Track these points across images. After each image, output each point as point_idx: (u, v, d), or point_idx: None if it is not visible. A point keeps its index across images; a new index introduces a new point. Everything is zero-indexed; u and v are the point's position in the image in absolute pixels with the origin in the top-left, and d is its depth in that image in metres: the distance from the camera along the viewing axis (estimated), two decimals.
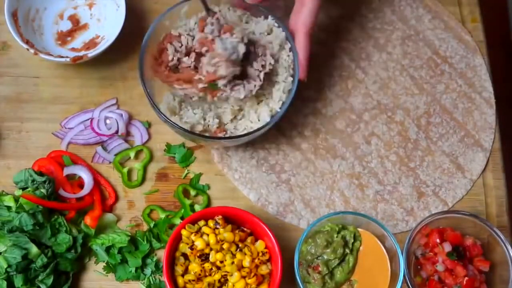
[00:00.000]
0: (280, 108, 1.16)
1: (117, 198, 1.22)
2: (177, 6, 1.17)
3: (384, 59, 1.35)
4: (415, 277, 1.15)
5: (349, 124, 1.29)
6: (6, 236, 1.10)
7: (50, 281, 1.11)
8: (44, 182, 1.16)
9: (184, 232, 1.11)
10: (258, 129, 1.14)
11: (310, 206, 1.24)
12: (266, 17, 1.20)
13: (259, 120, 1.17)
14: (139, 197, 1.22)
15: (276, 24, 1.19)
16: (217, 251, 1.10)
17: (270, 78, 1.17)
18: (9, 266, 1.08)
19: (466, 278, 1.12)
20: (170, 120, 1.13)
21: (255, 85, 1.14)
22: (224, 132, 1.18)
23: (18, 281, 1.09)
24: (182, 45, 1.14)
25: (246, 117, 1.19)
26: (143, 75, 1.14)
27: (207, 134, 1.17)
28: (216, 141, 1.17)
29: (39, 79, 1.28)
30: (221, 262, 1.09)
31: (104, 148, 1.24)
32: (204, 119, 1.18)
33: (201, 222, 1.13)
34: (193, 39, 1.14)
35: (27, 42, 1.23)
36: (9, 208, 1.13)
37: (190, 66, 1.13)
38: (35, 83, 1.28)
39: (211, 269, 1.10)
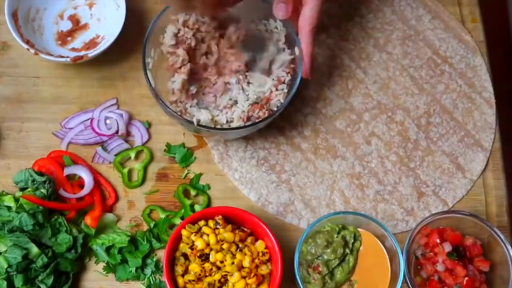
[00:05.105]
0: (282, 102, 1.18)
1: (117, 198, 1.22)
2: None
3: (384, 59, 1.35)
4: (415, 277, 1.15)
5: (349, 124, 1.29)
6: (7, 236, 1.10)
7: (50, 281, 1.11)
8: (44, 182, 1.16)
9: (184, 232, 1.11)
10: (261, 121, 1.14)
11: (310, 206, 1.24)
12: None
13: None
14: (139, 197, 1.22)
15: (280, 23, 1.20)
16: (217, 251, 1.10)
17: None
18: (9, 266, 1.08)
19: (466, 278, 1.12)
20: (176, 112, 1.13)
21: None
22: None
23: (18, 281, 1.09)
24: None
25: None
26: (146, 70, 1.15)
27: (212, 126, 1.18)
28: (220, 132, 1.17)
29: (39, 79, 1.28)
30: (221, 262, 1.09)
31: (104, 148, 1.24)
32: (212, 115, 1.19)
33: (201, 222, 1.13)
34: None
35: (27, 42, 1.23)
36: (9, 208, 1.13)
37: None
38: (35, 83, 1.28)
39: (211, 269, 1.10)
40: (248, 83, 1.21)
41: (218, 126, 1.18)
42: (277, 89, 1.19)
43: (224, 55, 1.21)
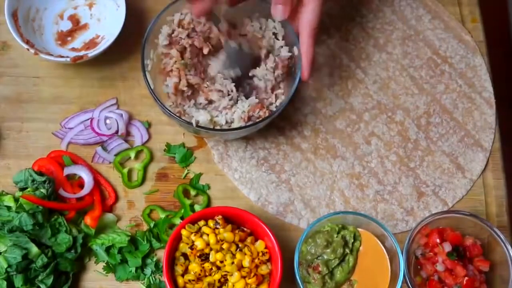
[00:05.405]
0: (281, 102, 1.18)
1: (117, 198, 1.22)
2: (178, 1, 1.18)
3: (384, 59, 1.35)
4: (415, 277, 1.15)
5: (349, 124, 1.29)
6: (6, 236, 1.10)
7: (50, 281, 1.11)
8: (44, 182, 1.16)
9: (184, 232, 1.11)
10: (260, 121, 1.14)
11: (310, 206, 1.24)
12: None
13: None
14: (139, 197, 1.22)
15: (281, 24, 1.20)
16: (217, 251, 1.10)
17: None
18: (9, 266, 1.08)
19: (466, 278, 1.12)
20: (175, 114, 1.13)
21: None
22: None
23: (18, 281, 1.09)
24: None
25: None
26: (145, 72, 1.15)
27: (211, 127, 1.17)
28: (219, 133, 1.17)
29: (39, 79, 1.28)
30: (221, 262, 1.09)
31: (104, 148, 1.24)
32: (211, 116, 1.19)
33: (201, 222, 1.13)
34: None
35: (27, 42, 1.23)
36: (9, 208, 1.13)
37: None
38: (35, 83, 1.28)
39: (211, 269, 1.10)
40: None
41: (217, 127, 1.18)
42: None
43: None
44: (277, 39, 1.22)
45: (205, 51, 1.18)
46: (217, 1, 1.12)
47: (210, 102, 1.20)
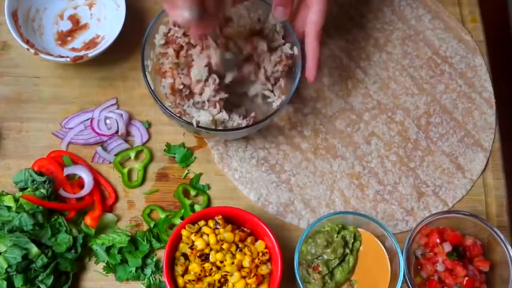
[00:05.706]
0: (281, 102, 1.18)
1: (117, 198, 1.22)
2: None
3: (384, 59, 1.35)
4: (415, 277, 1.15)
5: (349, 124, 1.29)
6: (6, 236, 1.10)
7: (50, 281, 1.11)
8: (44, 182, 1.16)
9: (184, 232, 1.11)
10: (261, 121, 1.14)
11: (310, 206, 1.24)
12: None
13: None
14: (139, 197, 1.22)
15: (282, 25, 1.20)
16: (217, 251, 1.10)
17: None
18: (9, 266, 1.08)
19: (466, 278, 1.12)
20: (175, 114, 1.13)
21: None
22: None
23: (18, 281, 1.09)
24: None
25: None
26: (145, 72, 1.15)
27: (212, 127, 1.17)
28: (220, 133, 1.17)
29: (39, 79, 1.28)
30: (221, 262, 1.09)
31: (104, 148, 1.24)
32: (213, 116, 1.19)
33: (201, 222, 1.13)
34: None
35: (27, 42, 1.23)
36: (9, 208, 1.13)
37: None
38: (35, 83, 1.28)
39: (211, 269, 1.10)
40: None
41: (219, 127, 1.18)
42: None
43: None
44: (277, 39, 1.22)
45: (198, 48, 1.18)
46: (219, 23, 1.09)
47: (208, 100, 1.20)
